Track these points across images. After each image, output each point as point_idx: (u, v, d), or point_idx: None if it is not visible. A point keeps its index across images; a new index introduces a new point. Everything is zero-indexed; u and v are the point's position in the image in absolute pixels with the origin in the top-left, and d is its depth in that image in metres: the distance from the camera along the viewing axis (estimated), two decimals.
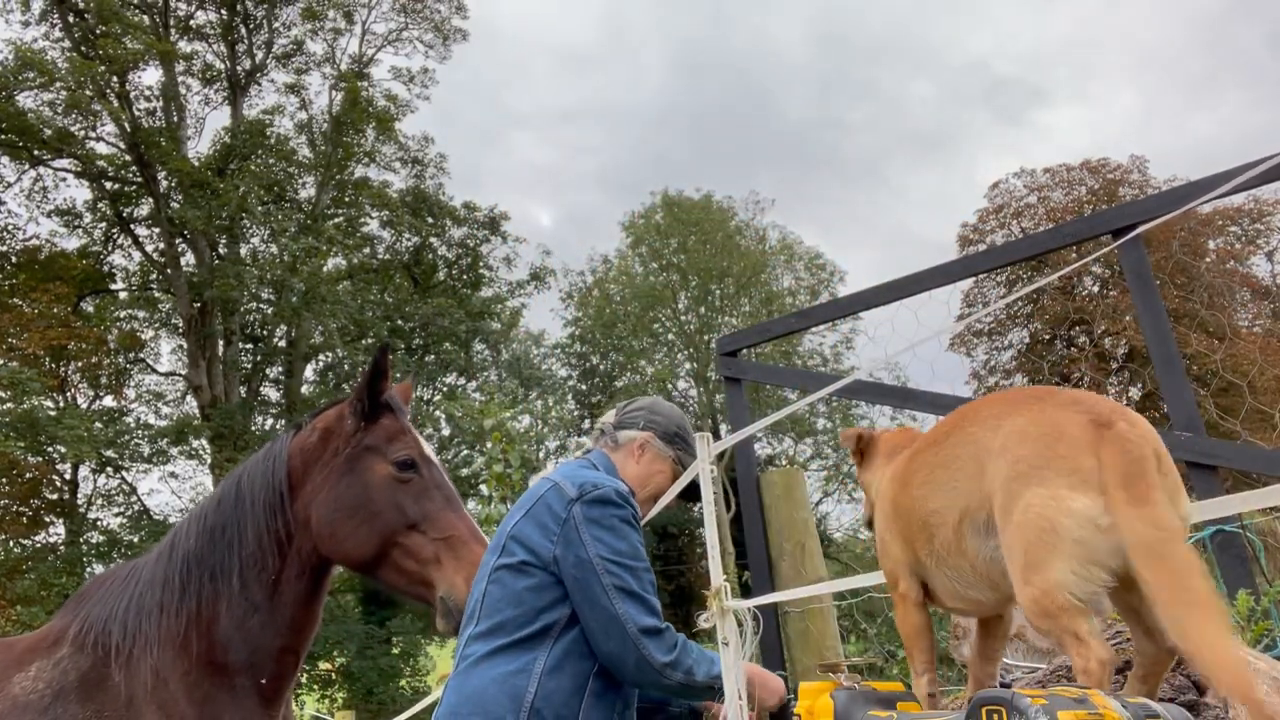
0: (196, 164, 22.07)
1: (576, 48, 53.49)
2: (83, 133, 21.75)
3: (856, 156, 52.12)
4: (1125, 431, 1.52)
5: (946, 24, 49.70)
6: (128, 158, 22.05)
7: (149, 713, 2.00)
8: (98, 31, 20.73)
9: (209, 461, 21.68)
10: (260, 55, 24.73)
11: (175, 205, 21.68)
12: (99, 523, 22.11)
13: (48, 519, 21.95)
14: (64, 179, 22.97)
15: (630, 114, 51.87)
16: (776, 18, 51.81)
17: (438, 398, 24.82)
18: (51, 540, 21.54)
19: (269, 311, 23.45)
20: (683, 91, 53.69)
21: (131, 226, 23.52)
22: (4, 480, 20.70)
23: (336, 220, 25.25)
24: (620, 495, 2.36)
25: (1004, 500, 1.59)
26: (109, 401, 23.83)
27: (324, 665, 20.61)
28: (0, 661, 2.07)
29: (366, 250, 26.29)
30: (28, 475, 21.11)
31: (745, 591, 3.54)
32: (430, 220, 26.38)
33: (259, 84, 24.82)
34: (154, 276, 23.99)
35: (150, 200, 22.33)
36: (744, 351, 4.92)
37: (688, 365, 30.96)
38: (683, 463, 2.72)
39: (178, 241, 22.54)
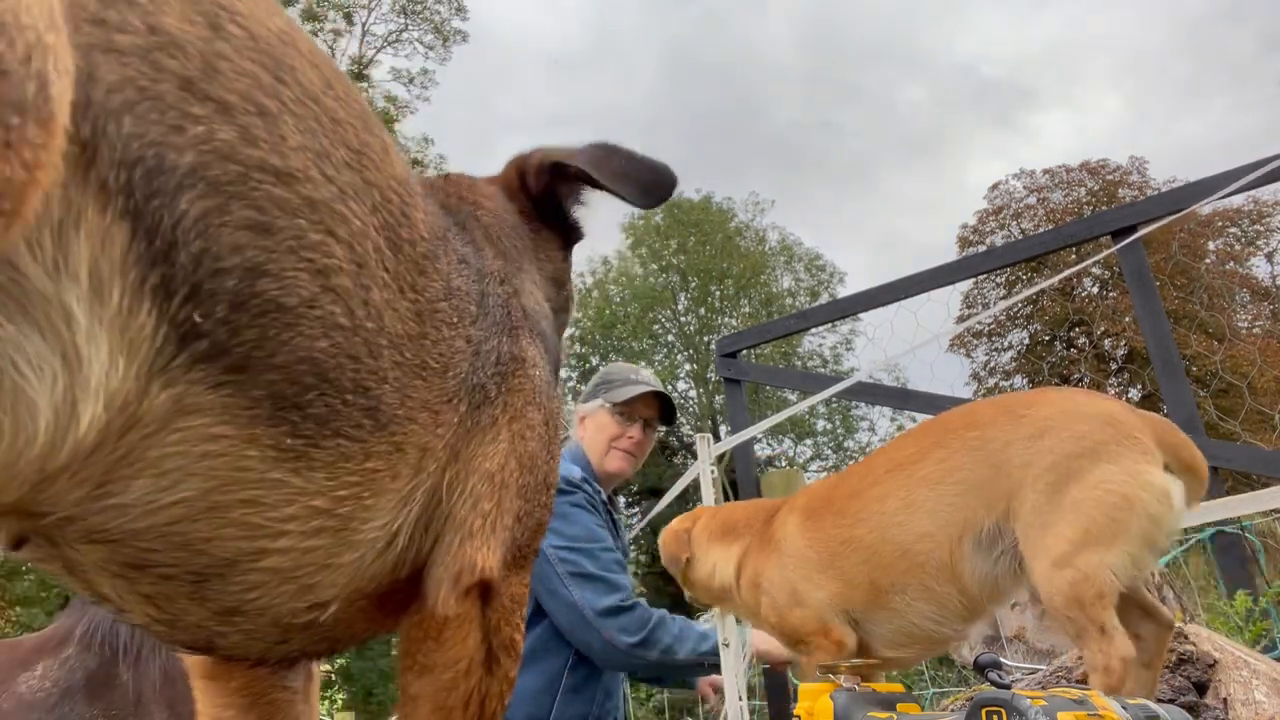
0: None
1: (566, 51, 53.58)
2: None
3: (847, 159, 52.17)
4: (1161, 420, 1.61)
5: (934, 28, 49.72)
6: None
7: (158, 711, 2.02)
8: None
9: None
10: None
11: None
12: None
13: None
14: None
15: (621, 117, 51.90)
16: (764, 19, 51.88)
17: None
18: None
19: None
20: (672, 95, 53.73)
21: None
22: None
23: None
24: (570, 482, 2.35)
25: (1055, 480, 1.51)
26: None
27: (323, 666, 20.61)
28: (5, 661, 2.09)
29: None
30: None
31: None
32: None
33: None
34: None
35: None
36: (743, 352, 4.93)
37: (687, 366, 30.97)
38: (611, 399, 2.67)
39: None
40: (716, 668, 2.31)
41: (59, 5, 0.58)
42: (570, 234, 1.59)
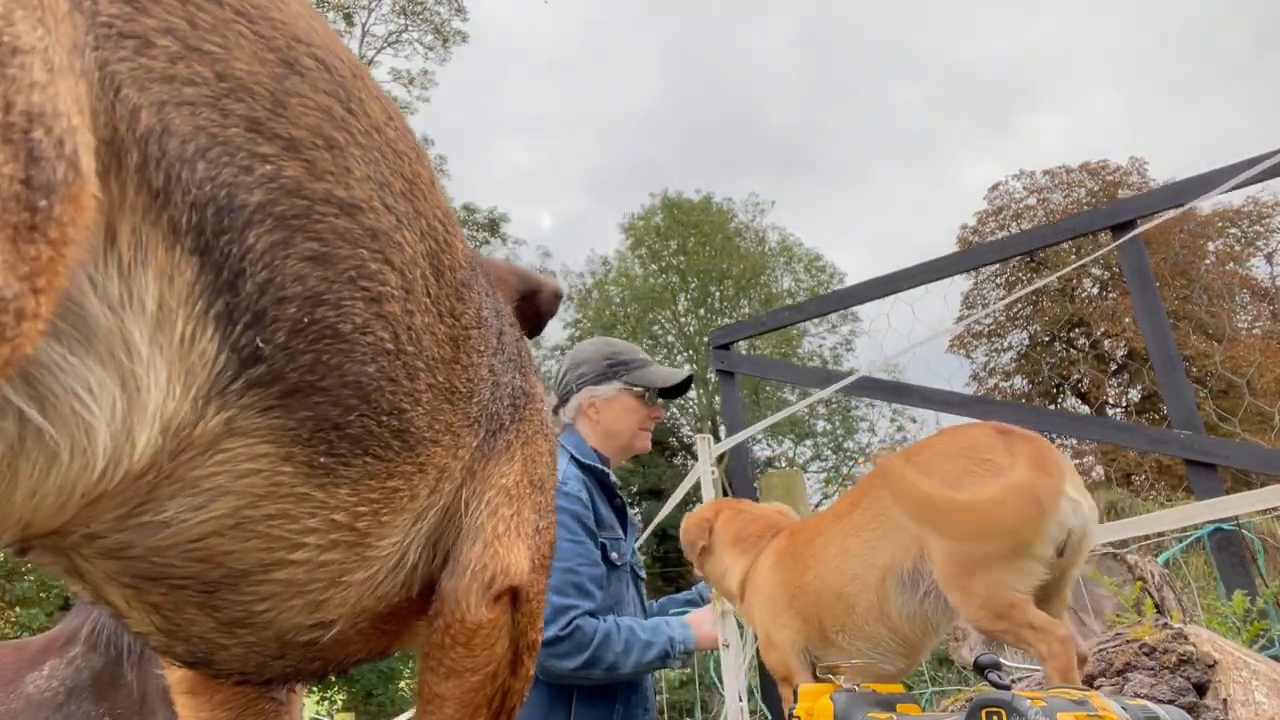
0: None
1: (562, 53, 53.56)
2: None
3: (846, 160, 52.14)
4: (1029, 433, 1.64)
5: (931, 30, 49.64)
6: None
7: (161, 711, 2.05)
8: None
9: None
10: None
11: None
12: None
13: None
14: None
15: (618, 120, 51.90)
16: (762, 21, 51.86)
17: None
18: None
19: None
20: (671, 96, 53.70)
21: None
22: None
23: None
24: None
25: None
26: None
27: None
28: (13, 662, 2.11)
29: None
30: None
31: None
32: None
33: None
34: None
35: None
36: (738, 346, 4.89)
37: (687, 367, 30.97)
38: (638, 381, 2.60)
39: None
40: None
41: (83, 87, 0.60)
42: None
